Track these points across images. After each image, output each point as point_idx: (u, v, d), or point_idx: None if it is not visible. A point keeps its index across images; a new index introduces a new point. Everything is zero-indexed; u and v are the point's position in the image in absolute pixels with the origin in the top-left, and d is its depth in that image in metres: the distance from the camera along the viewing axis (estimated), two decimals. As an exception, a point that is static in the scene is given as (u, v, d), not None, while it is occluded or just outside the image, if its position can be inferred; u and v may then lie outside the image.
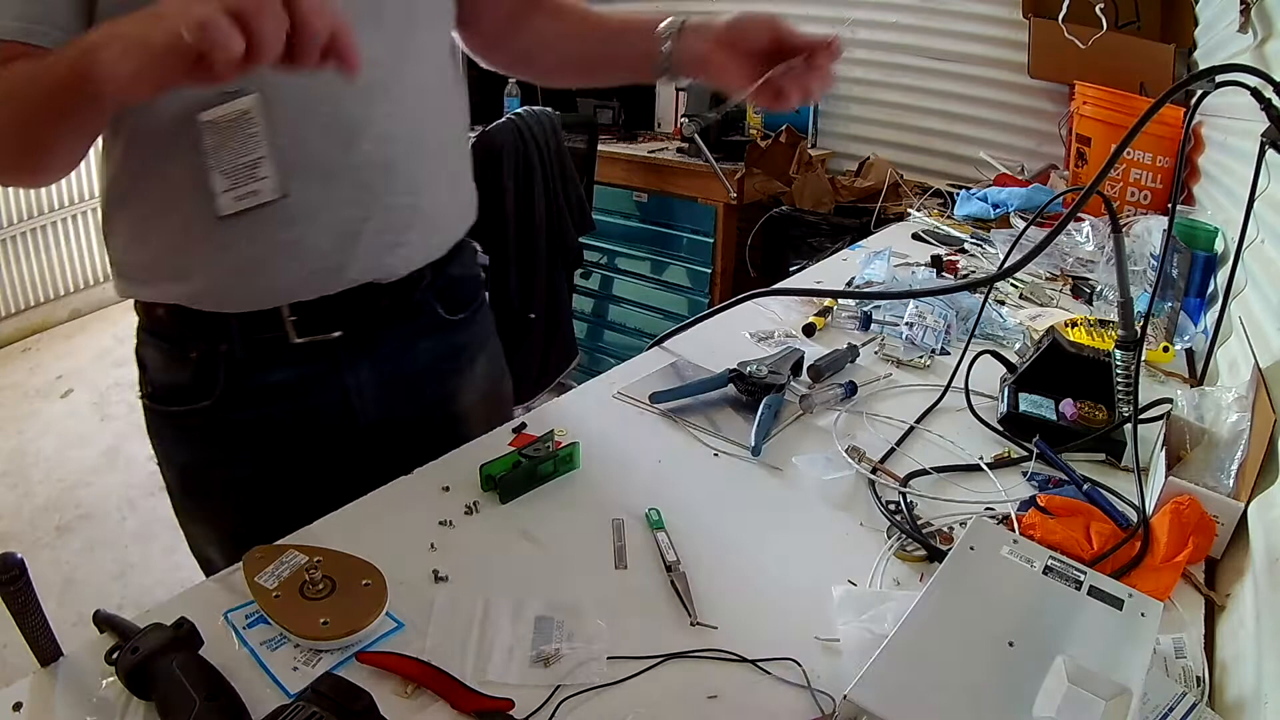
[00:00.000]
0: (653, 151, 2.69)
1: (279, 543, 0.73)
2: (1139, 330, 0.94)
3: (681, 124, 2.67)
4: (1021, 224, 1.74)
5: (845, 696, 0.53)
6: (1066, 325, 1.12)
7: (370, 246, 0.85)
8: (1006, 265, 1.00)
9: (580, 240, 2.31)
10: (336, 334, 0.88)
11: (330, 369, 0.89)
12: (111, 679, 0.60)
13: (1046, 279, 1.52)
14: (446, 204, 0.95)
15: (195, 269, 0.82)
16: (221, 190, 0.77)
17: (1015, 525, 0.79)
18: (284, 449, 0.91)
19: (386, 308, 0.90)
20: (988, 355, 1.08)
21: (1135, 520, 0.80)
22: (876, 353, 1.19)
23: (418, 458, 0.89)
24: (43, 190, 3.75)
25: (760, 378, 1.02)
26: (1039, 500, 0.82)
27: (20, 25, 0.70)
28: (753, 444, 0.92)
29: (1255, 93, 0.83)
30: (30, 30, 0.70)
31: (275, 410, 0.89)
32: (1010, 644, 0.58)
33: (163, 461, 0.97)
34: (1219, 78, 0.85)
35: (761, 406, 0.97)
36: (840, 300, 1.33)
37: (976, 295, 1.29)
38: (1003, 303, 1.39)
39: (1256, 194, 0.98)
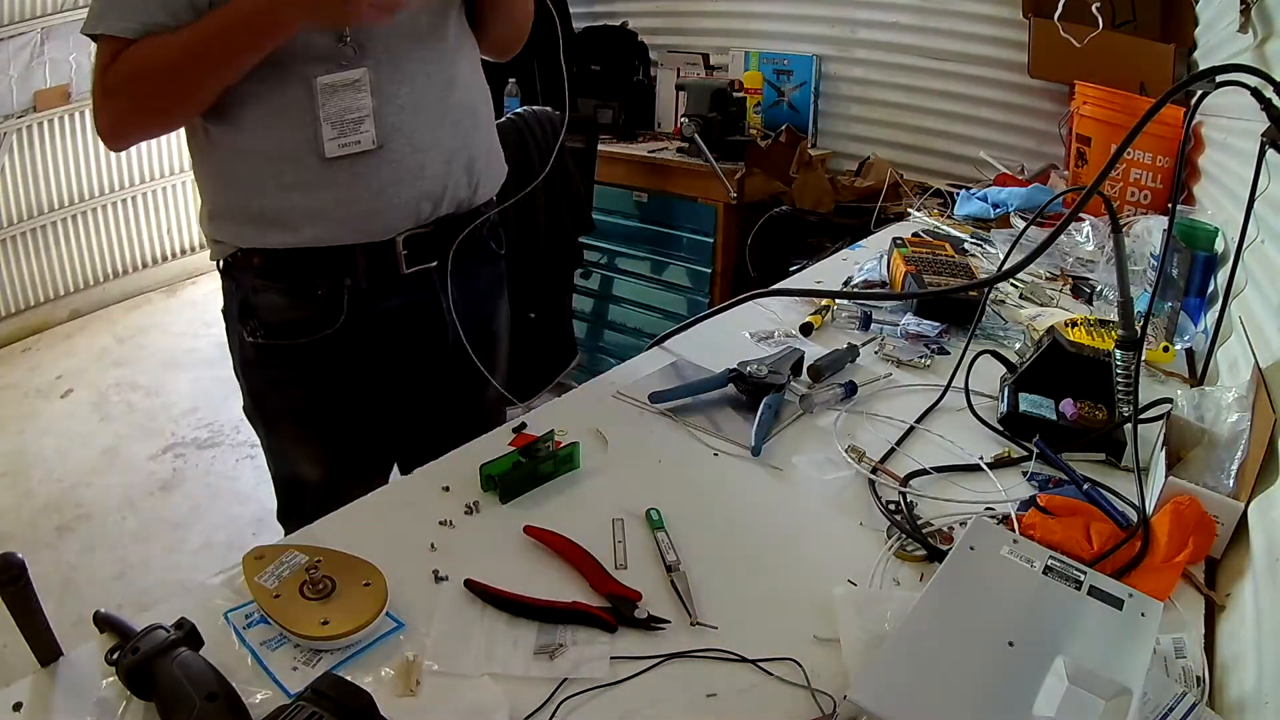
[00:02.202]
0: (653, 151, 2.69)
1: (279, 542, 0.73)
2: (1139, 330, 0.94)
3: (681, 124, 2.66)
4: (1021, 224, 1.74)
5: (845, 696, 0.53)
6: (1066, 325, 1.12)
7: (460, 178, 1.06)
8: (1006, 267, 1.01)
9: (580, 240, 2.31)
10: (434, 263, 1.07)
11: (431, 294, 1.09)
12: (111, 679, 0.60)
13: (1046, 279, 1.52)
14: (498, 152, 1.17)
15: (323, 209, 0.98)
16: (328, 138, 0.95)
17: (1015, 525, 0.79)
18: (394, 366, 1.10)
19: (464, 241, 1.10)
20: (988, 355, 1.08)
21: (1135, 520, 0.80)
22: (876, 353, 1.18)
23: (475, 374, 1.14)
24: (43, 190, 3.75)
25: (760, 378, 1.02)
26: (1039, 500, 0.82)
27: (142, 26, 0.89)
28: (753, 444, 0.92)
29: (1255, 93, 0.83)
30: (150, 27, 0.89)
31: (390, 332, 1.08)
32: (1010, 644, 0.58)
33: (268, 391, 1.11)
34: (1219, 78, 0.85)
35: (761, 406, 0.97)
36: (840, 300, 1.33)
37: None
38: (1003, 302, 1.39)
39: (1256, 194, 0.98)
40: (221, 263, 1.07)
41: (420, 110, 1.01)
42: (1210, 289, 1.34)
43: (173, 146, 4.24)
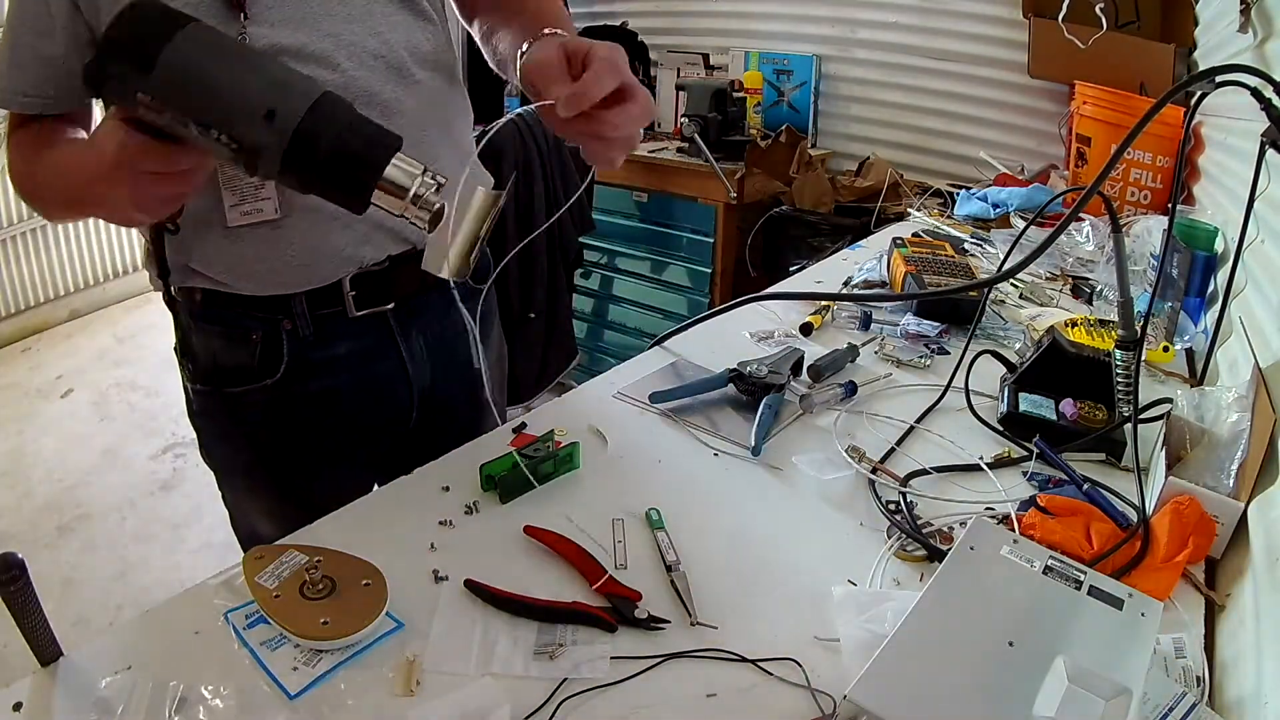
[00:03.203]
0: (653, 151, 2.69)
1: (279, 542, 0.73)
2: (1139, 330, 0.94)
3: (681, 124, 2.66)
4: (1021, 224, 1.74)
5: (845, 696, 0.53)
6: (1066, 325, 1.11)
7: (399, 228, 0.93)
8: (1006, 268, 1.00)
9: (580, 240, 2.31)
10: (390, 305, 0.95)
11: (387, 338, 0.97)
12: (112, 679, 0.59)
13: (1046, 279, 1.52)
14: (477, 170, 1.01)
15: (246, 269, 0.89)
16: (230, 205, 0.85)
17: (1015, 525, 0.79)
18: (346, 418, 0.99)
19: (428, 277, 0.92)
20: (988, 355, 1.08)
21: (1135, 520, 0.80)
22: (876, 353, 1.18)
23: (456, 424, 1.00)
24: (43, 190, 3.75)
25: (760, 378, 1.02)
26: (1039, 500, 0.82)
27: (17, 99, 0.83)
28: (752, 444, 0.92)
29: (1255, 93, 0.83)
30: (27, 103, 0.83)
31: (339, 380, 0.96)
32: (1010, 644, 0.58)
33: (214, 442, 1.01)
34: (1219, 78, 0.85)
35: (761, 406, 0.97)
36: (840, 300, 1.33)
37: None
38: (1003, 302, 1.39)
39: (1256, 194, 0.98)
40: (163, 295, 0.95)
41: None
42: (1210, 289, 1.34)
43: (173, 146, 4.24)
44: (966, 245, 1.65)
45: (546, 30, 0.87)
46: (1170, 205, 1.06)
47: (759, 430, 0.93)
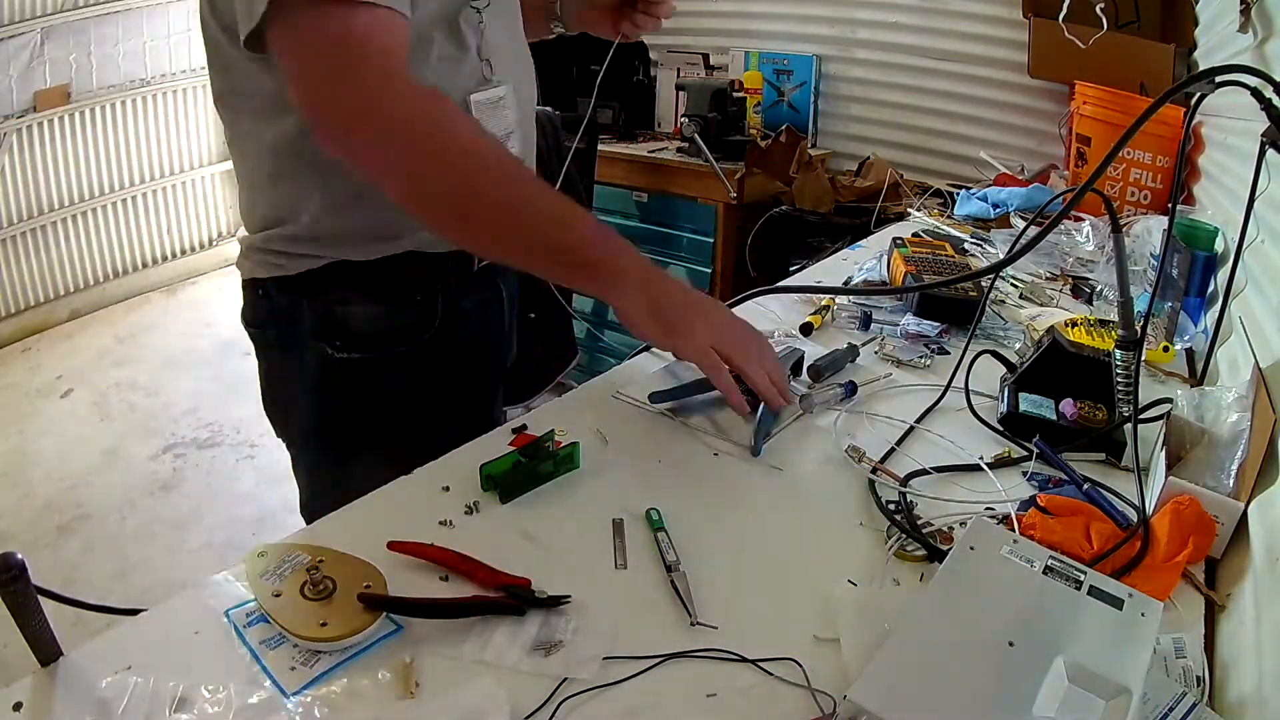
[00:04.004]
0: (653, 151, 2.69)
1: (282, 541, 0.73)
2: (1139, 330, 0.94)
3: (681, 124, 2.66)
4: (1021, 224, 1.74)
5: (845, 696, 0.53)
6: (1066, 325, 1.11)
7: None
8: (1002, 259, 1.00)
9: (580, 240, 2.31)
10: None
11: (494, 291, 1.12)
12: (112, 679, 0.59)
13: (1046, 279, 1.52)
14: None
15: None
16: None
17: (1015, 525, 0.79)
18: (473, 365, 1.11)
19: None
20: (988, 355, 1.08)
21: (1135, 520, 0.80)
22: (876, 353, 1.18)
23: (531, 361, 1.25)
24: (43, 190, 3.76)
25: None
26: (1039, 500, 0.82)
27: None
28: (753, 444, 0.92)
29: (1255, 93, 0.83)
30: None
31: (468, 329, 1.07)
32: (1010, 644, 0.58)
33: (350, 411, 1.04)
34: (1219, 78, 0.85)
35: (761, 406, 0.97)
36: (840, 300, 1.33)
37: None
38: (1003, 302, 1.39)
39: (1256, 194, 0.98)
40: (275, 280, 0.99)
41: (525, 131, 1.06)
42: (1210, 289, 1.34)
43: (173, 146, 4.24)
44: (966, 245, 1.65)
45: None
46: (1170, 205, 1.06)
47: (759, 430, 0.93)
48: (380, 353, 1.01)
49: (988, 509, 0.84)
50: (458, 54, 0.94)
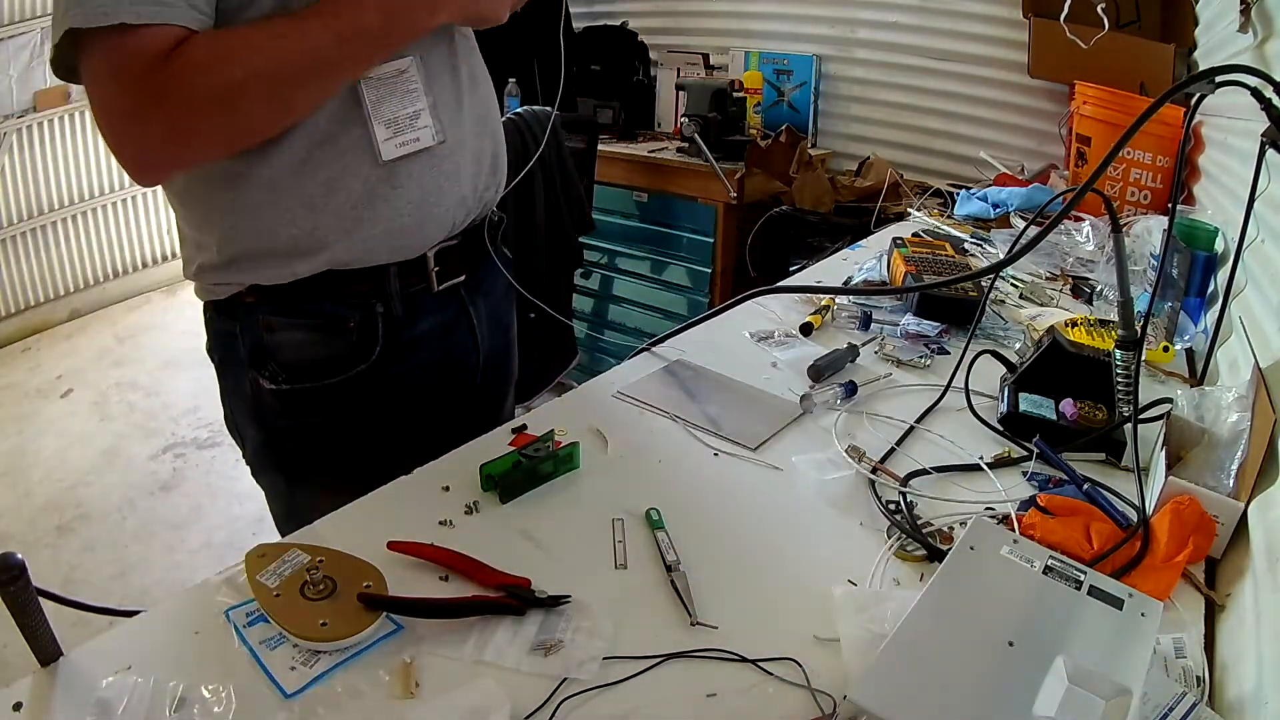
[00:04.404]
0: (653, 151, 2.69)
1: (282, 541, 0.73)
2: (1139, 330, 0.94)
3: (681, 124, 2.66)
4: (1021, 224, 1.74)
5: (845, 696, 0.53)
6: (1066, 325, 1.12)
7: (486, 179, 1.01)
8: (1002, 259, 1.00)
9: (580, 240, 2.31)
10: (462, 277, 1.01)
11: (460, 311, 1.03)
12: (112, 679, 0.59)
13: (1046, 279, 1.52)
14: (505, 150, 1.07)
15: (362, 223, 0.89)
16: (384, 139, 0.87)
17: (1015, 525, 0.79)
18: (428, 390, 1.01)
19: (484, 250, 1.05)
20: (988, 355, 1.08)
21: (1135, 520, 0.80)
22: (876, 353, 1.18)
23: (506, 383, 1.14)
24: (43, 190, 3.76)
25: None
26: (1039, 500, 0.82)
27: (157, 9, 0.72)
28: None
29: (1255, 93, 0.83)
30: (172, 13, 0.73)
31: (422, 356, 0.99)
32: (1010, 644, 0.58)
33: (292, 442, 0.98)
34: (1219, 78, 0.85)
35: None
36: (840, 300, 1.33)
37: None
38: (1003, 302, 1.39)
39: (1256, 194, 0.98)
40: (214, 303, 0.95)
41: (451, 107, 0.93)
42: (1210, 289, 1.34)
43: (173, 146, 4.23)
44: (967, 245, 1.65)
45: None
46: (1170, 205, 1.05)
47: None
48: (311, 383, 0.94)
49: (988, 509, 0.84)
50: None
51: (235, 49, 0.75)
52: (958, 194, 2.05)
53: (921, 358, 1.17)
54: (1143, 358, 0.94)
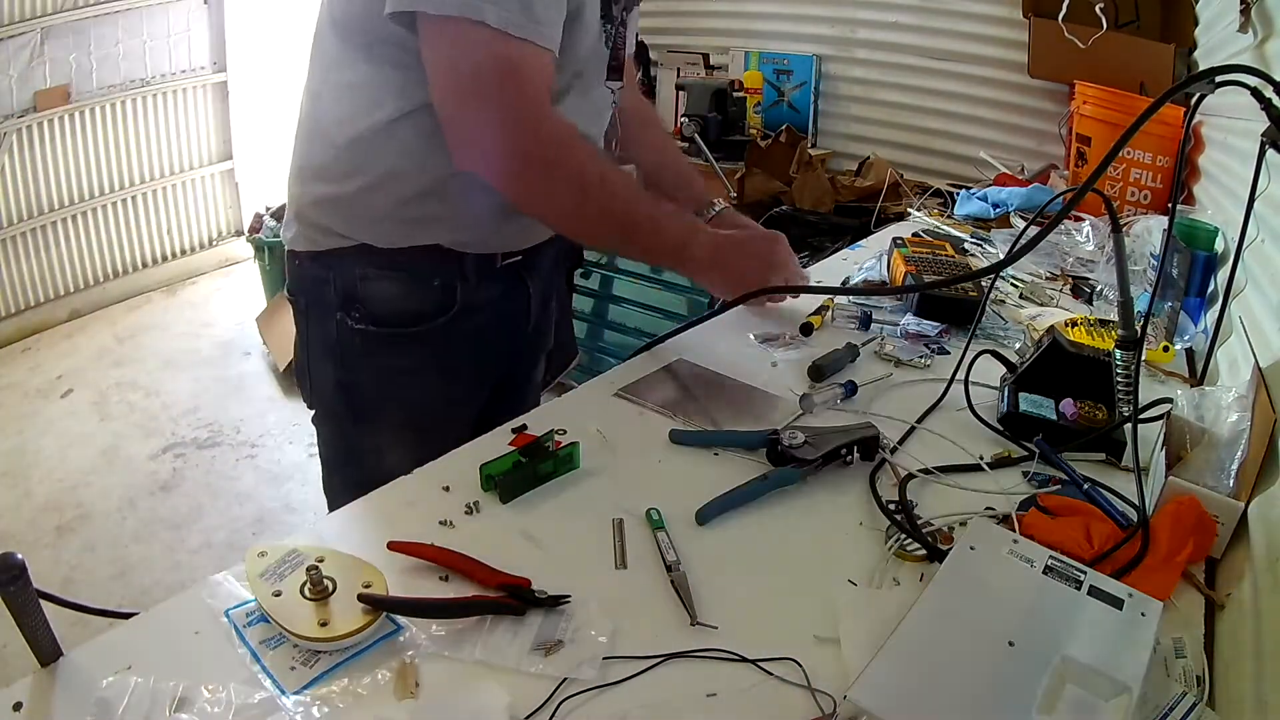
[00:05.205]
0: (653, 151, 2.68)
1: (282, 541, 0.73)
2: (1139, 330, 0.94)
3: (681, 123, 2.66)
4: (1021, 224, 1.74)
5: (845, 696, 0.53)
6: (1066, 325, 1.12)
7: None
8: (1002, 259, 1.00)
9: (580, 240, 2.31)
10: (519, 257, 1.15)
11: (518, 281, 1.17)
12: (112, 679, 0.59)
13: (1046, 279, 1.52)
14: None
15: (499, 228, 1.08)
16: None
17: (1015, 525, 0.79)
18: (485, 349, 1.17)
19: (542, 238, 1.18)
20: (988, 355, 1.08)
21: (1135, 520, 0.80)
22: (876, 353, 1.18)
23: (542, 346, 1.31)
24: (43, 190, 3.75)
25: (793, 446, 0.88)
26: (1039, 500, 0.82)
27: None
28: (703, 508, 0.81)
29: (1255, 93, 0.83)
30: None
31: (485, 318, 1.13)
32: (1010, 644, 0.58)
33: (373, 380, 1.12)
34: (1219, 78, 0.85)
35: (754, 479, 0.85)
36: (840, 300, 1.33)
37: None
38: (1003, 302, 1.39)
39: (1256, 194, 0.98)
40: (309, 252, 1.08)
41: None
42: (1210, 289, 1.34)
43: (173, 146, 4.24)
44: (967, 245, 1.65)
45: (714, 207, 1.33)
46: (1170, 205, 1.06)
47: (726, 500, 0.82)
48: (394, 329, 1.08)
49: (988, 509, 0.84)
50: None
51: (619, 184, 1.03)
52: (958, 194, 2.05)
53: (921, 358, 1.17)
54: (1143, 358, 0.94)
